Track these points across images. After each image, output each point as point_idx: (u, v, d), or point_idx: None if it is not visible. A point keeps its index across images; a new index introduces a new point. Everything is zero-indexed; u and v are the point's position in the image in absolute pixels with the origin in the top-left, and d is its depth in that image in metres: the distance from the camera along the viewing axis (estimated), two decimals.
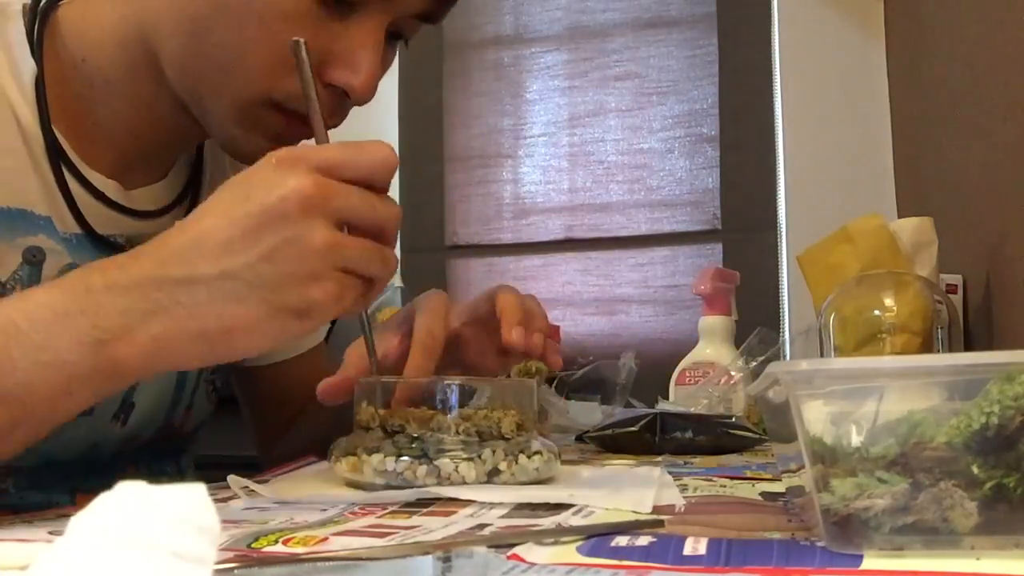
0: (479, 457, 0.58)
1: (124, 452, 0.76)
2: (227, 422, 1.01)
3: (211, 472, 0.78)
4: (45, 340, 0.49)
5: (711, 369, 1.17)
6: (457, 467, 0.58)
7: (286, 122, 0.64)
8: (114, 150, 0.70)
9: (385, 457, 0.58)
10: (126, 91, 0.68)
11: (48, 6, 0.68)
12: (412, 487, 0.56)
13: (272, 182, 0.50)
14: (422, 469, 0.58)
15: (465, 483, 0.57)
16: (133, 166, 0.71)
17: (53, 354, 0.49)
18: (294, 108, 0.63)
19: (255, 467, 0.79)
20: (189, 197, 0.76)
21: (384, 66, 0.66)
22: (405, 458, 0.58)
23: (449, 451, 0.59)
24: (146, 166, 0.73)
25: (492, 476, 0.59)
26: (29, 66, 0.66)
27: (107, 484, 0.73)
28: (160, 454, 0.81)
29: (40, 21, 0.67)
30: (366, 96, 0.64)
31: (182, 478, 0.84)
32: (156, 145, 0.72)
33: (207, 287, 0.49)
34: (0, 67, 0.64)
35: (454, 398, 0.61)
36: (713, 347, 1.21)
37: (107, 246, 0.69)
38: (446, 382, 0.62)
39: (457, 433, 0.60)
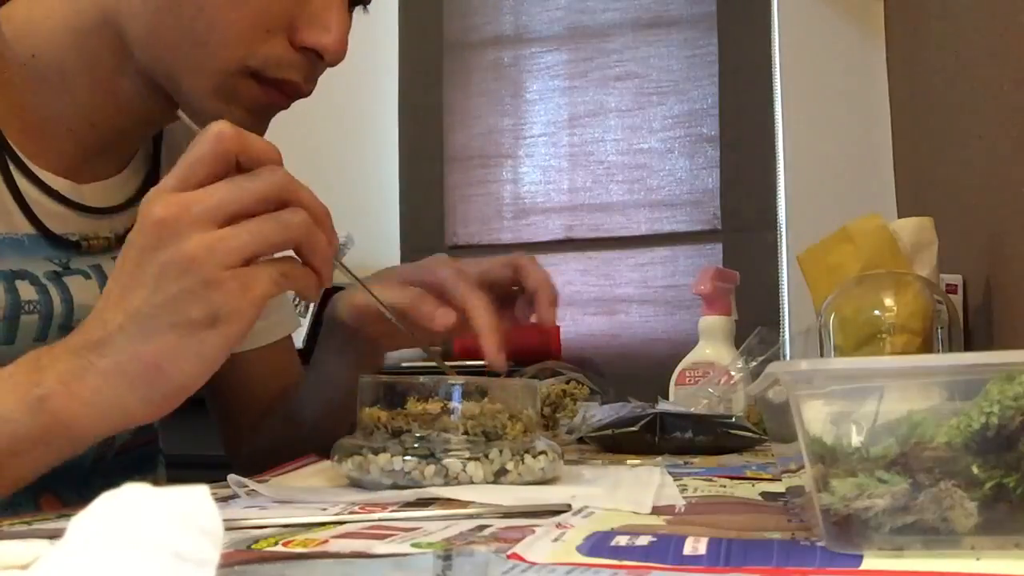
0: (486, 456, 0.58)
1: (104, 458, 0.75)
2: (203, 423, 1.00)
3: (186, 471, 0.78)
4: None
5: (711, 369, 1.17)
6: (465, 467, 0.58)
7: (263, 91, 0.64)
8: (71, 143, 0.69)
9: (392, 457, 0.58)
10: (85, 81, 0.67)
11: None
12: (419, 487, 0.56)
13: (138, 224, 0.51)
14: (430, 469, 0.57)
15: (472, 483, 0.57)
16: (90, 159, 0.70)
17: None
18: (270, 76, 0.64)
19: (228, 467, 0.78)
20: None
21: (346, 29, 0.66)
22: (411, 458, 0.58)
23: (456, 451, 0.59)
24: (105, 158, 0.72)
25: (499, 476, 0.59)
26: None
27: (80, 493, 0.70)
28: (137, 461, 0.81)
29: None
30: (339, 55, 0.64)
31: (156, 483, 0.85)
32: (117, 134, 0.71)
33: (120, 335, 0.50)
34: None
35: (459, 397, 0.61)
36: (713, 347, 1.21)
37: (62, 245, 0.68)
38: (450, 382, 0.62)
39: (464, 433, 0.60)
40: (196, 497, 0.23)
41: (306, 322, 1.86)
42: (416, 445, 0.59)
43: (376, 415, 0.61)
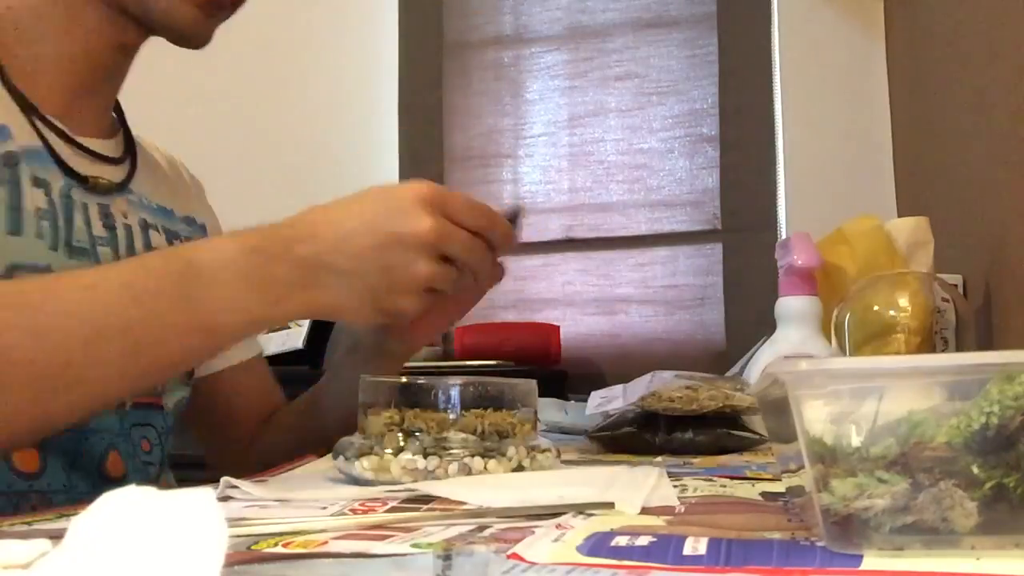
0: (503, 454, 0.61)
1: (113, 427, 0.76)
2: None
3: (186, 472, 0.77)
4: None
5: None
6: (486, 464, 0.60)
7: None
8: (58, 83, 0.75)
9: (414, 456, 0.60)
10: (57, 18, 0.74)
11: None
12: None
13: (411, 216, 0.65)
14: (453, 466, 0.59)
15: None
16: (80, 100, 0.77)
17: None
18: None
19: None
20: (128, 159, 0.83)
21: None
22: (433, 457, 0.60)
23: (473, 449, 0.61)
24: (93, 105, 0.79)
25: (516, 472, 0.61)
26: None
27: (95, 467, 0.72)
28: (142, 431, 0.81)
29: None
30: None
31: (161, 467, 0.84)
32: (94, 66, 0.77)
33: (337, 277, 0.64)
34: None
35: (468, 399, 0.63)
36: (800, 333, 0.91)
37: (72, 175, 0.73)
38: (450, 382, 0.63)
39: (480, 432, 0.61)
40: (200, 500, 0.23)
41: (305, 323, 1.86)
42: (434, 445, 0.61)
43: (391, 416, 0.62)
